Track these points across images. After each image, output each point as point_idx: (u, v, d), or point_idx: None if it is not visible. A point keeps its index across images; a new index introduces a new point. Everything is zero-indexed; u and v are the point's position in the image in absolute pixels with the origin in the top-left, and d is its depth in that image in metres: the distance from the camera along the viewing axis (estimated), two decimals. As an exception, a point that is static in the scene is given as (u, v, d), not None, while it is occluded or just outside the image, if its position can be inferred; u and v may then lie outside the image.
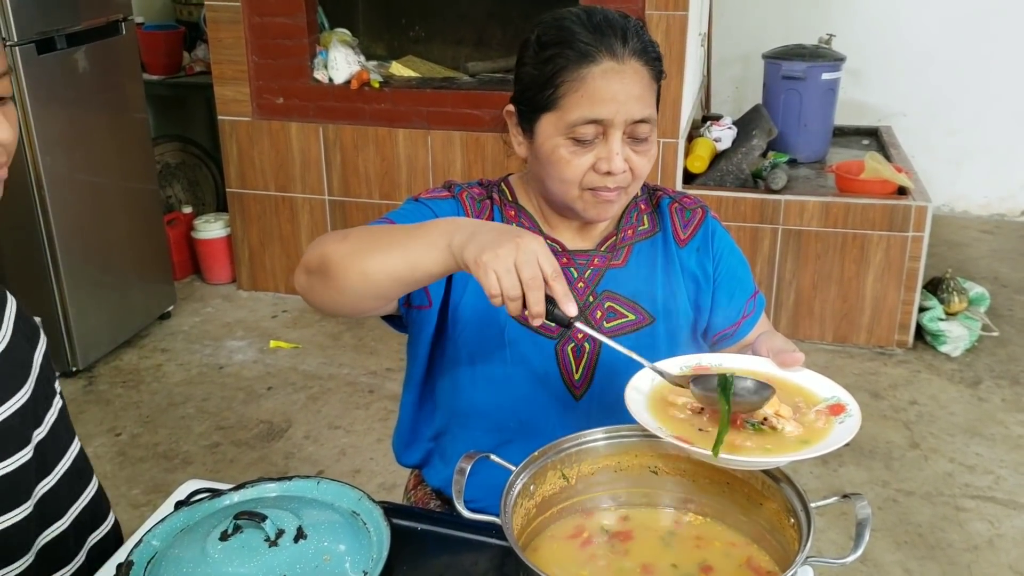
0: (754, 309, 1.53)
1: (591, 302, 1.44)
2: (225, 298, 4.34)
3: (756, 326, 1.53)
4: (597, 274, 1.45)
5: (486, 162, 3.90)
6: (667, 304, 1.46)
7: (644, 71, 1.34)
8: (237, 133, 4.10)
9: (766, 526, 1.11)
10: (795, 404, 1.13)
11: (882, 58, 4.96)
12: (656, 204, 1.52)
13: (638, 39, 1.35)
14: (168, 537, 1.27)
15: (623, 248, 1.47)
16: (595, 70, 1.31)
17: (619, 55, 1.31)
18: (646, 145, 1.37)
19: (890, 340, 3.78)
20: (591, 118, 1.31)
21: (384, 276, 1.19)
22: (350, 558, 1.19)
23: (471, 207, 1.46)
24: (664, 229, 1.49)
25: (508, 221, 1.46)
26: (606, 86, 1.31)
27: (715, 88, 5.02)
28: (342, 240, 1.24)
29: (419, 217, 1.42)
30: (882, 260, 3.68)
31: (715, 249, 1.50)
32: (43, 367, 1.33)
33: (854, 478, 2.99)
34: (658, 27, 3.54)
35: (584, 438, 1.17)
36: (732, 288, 1.51)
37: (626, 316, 1.44)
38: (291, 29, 3.93)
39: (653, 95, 1.37)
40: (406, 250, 1.17)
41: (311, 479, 1.37)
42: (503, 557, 1.24)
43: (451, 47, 4.52)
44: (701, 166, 3.91)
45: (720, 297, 1.50)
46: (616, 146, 1.32)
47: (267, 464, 3.10)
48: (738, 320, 1.51)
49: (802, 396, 1.15)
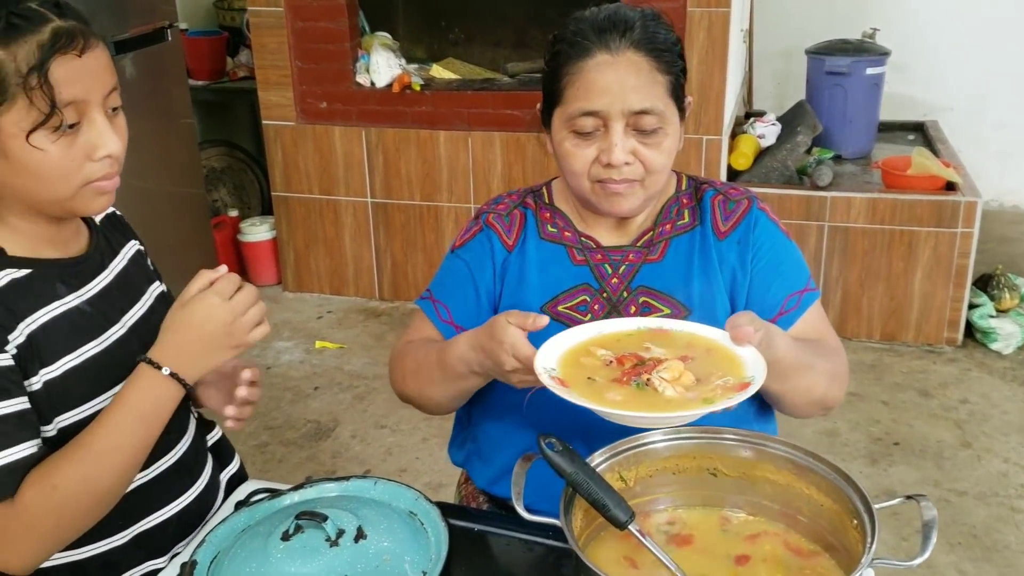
0: (796, 306, 1.46)
1: (625, 297, 1.45)
2: (271, 300, 4.39)
3: (798, 324, 1.45)
4: (632, 269, 1.46)
5: (526, 162, 3.90)
6: (703, 297, 1.44)
7: (643, 62, 1.35)
8: (281, 137, 4.14)
9: (827, 527, 1.10)
10: (709, 374, 1.17)
11: (927, 51, 4.88)
12: (700, 198, 1.51)
13: (642, 31, 1.36)
14: (230, 537, 1.29)
15: (660, 243, 1.47)
16: (590, 63, 1.36)
17: (614, 47, 1.35)
18: (656, 138, 1.37)
19: (939, 338, 3.73)
20: (587, 110, 1.36)
21: (449, 400, 1.49)
22: (409, 558, 1.20)
23: (500, 227, 1.54)
24: (703, 222, 1.48)
25: (542, 224, 1.53)
26: (600, 77, 1.35)
27: (757, 84, 4.98)
28: (403, 382, 1.53)
29: (456, 276, 1.55)
30: (930, 257, 3.63)
31: (755, 240, 1.46)
32: None
33: (904, 477, 2.95)
34: (700, 24, 3.53)
35: (643, 439, 1.17)
36: (770, 281, 1.46)
37: (661, 310, 1.44)
38: (333, 33, 3.96)
39: (658, 86, 1.36)
40: (451, 383, 1.43)
41: (368, 479, 1.38)
42: (560, 557, 1.25)
43: (490, 48, 4.53)
44: (745, 163, 3.88)
45: (756, 290, 1.46)
46: (615, 138, 1.35)
47: (315, 463, 3.13)
48: (773, 315, 1.44)
49: (730, 370, 1.18)
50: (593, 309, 1.45)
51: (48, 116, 1.11)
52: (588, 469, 1.07)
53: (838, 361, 1.47)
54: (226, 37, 4.80)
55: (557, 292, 1.48)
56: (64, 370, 1.22)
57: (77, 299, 1.27)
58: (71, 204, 1.21)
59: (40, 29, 1.11)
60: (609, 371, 1.21)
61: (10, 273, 1.21)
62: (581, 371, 1.22)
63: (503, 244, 1.53)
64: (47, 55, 1.10)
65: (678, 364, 1.18)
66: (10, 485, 1.13)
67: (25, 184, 1.17)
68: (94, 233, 1.37)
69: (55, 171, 1.16)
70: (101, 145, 1.18)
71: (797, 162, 3.89)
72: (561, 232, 1.52)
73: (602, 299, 1.46)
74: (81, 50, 1.13)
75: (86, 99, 1.15)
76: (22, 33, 1.10)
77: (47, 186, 1.17)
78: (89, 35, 1.15)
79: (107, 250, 1.38)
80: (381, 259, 4.23)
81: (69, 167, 1.17)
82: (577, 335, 1.29)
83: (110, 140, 1.19)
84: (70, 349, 1.24)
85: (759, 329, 1.21)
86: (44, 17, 1.12)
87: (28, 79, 1.10)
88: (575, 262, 1.49)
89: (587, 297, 1.47)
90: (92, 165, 1.18)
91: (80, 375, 1.24)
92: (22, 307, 1.20)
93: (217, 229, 4.37)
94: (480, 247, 1.54)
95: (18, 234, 1.24)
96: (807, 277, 1.50)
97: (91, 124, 1.17)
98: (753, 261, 1.46)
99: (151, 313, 1.39)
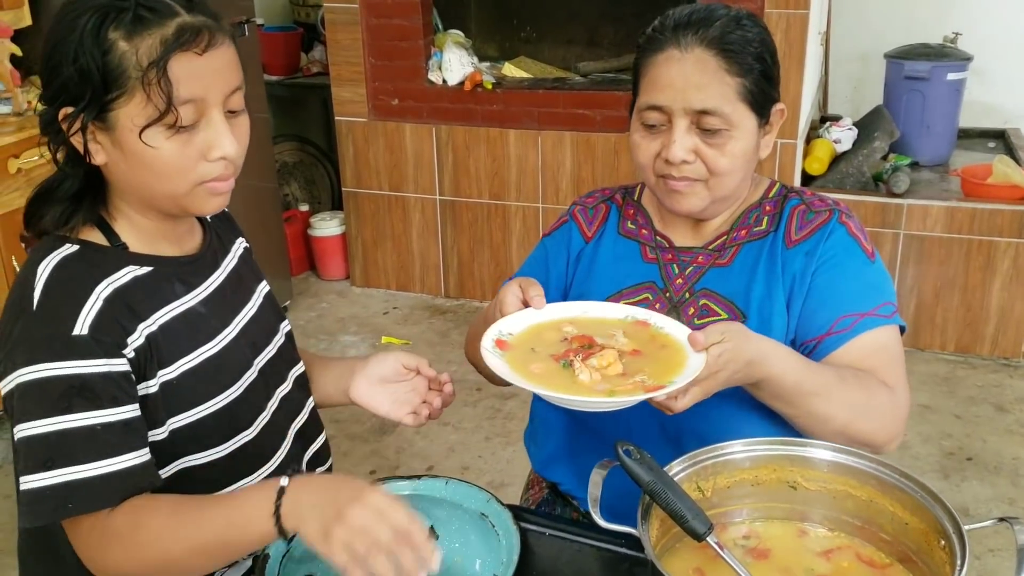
0: (849, 328, 1.35)
1: (687, 299, 1.44)
2: (339, 294, 4.43)
3: (845, 347, 1.34)
4: (699, 272, 1.45)
5: (596, 162, 3.88)
6: (762, 304, 1.40)
7: (711, 61, 1.33)
8: (353, 134, 4.18)
9: (912, 547, 1.08)
10: (638, 370, 1.17)
11: (1010, 57, 4.73)
12: (783, 206, 1.47)
13: (720, 30, 1.34)
14: (303, 532, 1.30)
15: (731, 248, 1.45)
16: (660, 57, 1.36)
17: (683, 44, 1.34)
18: (719, 139, 1.35)
19: (1017, 352, 3.63)
20: (651, 103, 1.37)
21: None
22: (480, 560, 1.20)
23: (583, 219, 1.58)
24: (778, 230, 1.44)
25: (623, 219, 1.55)
26: (665, 73, 1.35)
27: (833, 88, 4.89)
28: (467, 347, 1.64)
29: (534, 261, 1.62)
30: (1009, 268, 3.53)
31: (823, 252, 1.40)
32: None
33: (978, 494, 2.88)
34: (778, 26, 3.47)
35: (722, 450, 1.15)
36: (825, 297, 1.38)
37: (719, 315, 1.41)
38: (407, 31, 3.98)
39: (726, 87, 1.33)
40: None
41: (439, 478, 1.38)
42: (632, 566, 1.23)
43: (562, 47, 4.52)
44: (820, 168, 3.81)
45: (811, 302, 1.38)
46: (677, 134, 1.35)
47: (379, 458, 3.15)
48: (821, 334, 1.36)
49: (663, 372, 1.16)
50: (654, 308, 1.44)
51: (163, 113, 1.10)
52: (666, 478, 1.06)
53: (881, 397, 1.32)
54: (301, 33, 4.86)
55: (623, 287, 1.49)
56: (180, 372, 1.21)
57: (193, 299, 1.26)
58: (185, 202, 1.19)
59: (166, 23, 1.10)
60: (558, 347, 1.23)
61: (133, 270, 1.20)
62: (534, 341, 1.25)
63: (582, 235, 1.57)
64: (168, 51, 1.09)
65: (611, 354, 1.18)
66: (109, 495, 1.10)
67: (141, 179, 1.16)
68: (207, 230, 1.37)
69: (169, 168, 1.14)
70: (217, 146, 1.15)
71: (873, 168, 3.82)
72: (639, 229, 1.53)
73: (664, 298, 1.45)
74: (204, 48, 1.11)
75: (205, 98, 1.13)
76: (147, 26, 1.09)
77: (161, 182, 1.16)
78: (216, 32, 1.13)
79: (219, 248, 1.38)
80: (448, 257, 4.25)
81: (184, 165, 1.15)
82: (562, 310, 1.31)
83: (227, 142, 1.16)
84: (186, 351, 1.22)
85: (714, 340, 1.17)
86: (172, 11, 1.11)
87: (147, 74, 1.09)
88: (646, 259, 1.50)
89: (650, 295, 1.47)
90: (207, 165, 1.16)
91: (193, 378, 1.22)
92: (143, 307, 1.19)
93: (288, 223, 4.42)
94: (561, 236, 1.59)
95: (137, 230, 1.23)
96: (879, 303, 1.38)
97: (209, 124, 1.15)
98: (815, 273, 1.39)
99: (259, 314, 1.38)
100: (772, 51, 1.39)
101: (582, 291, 1.52)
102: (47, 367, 1.10)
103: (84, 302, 1.13)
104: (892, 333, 1.38)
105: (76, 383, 1.10)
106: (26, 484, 1.10)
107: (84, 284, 1.15)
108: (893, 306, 1.39)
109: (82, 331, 1.11)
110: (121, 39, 1.09)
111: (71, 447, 1.09)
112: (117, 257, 1.20)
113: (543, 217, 4.03)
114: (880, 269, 1.42)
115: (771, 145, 1.43)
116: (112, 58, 1.09)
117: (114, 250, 1.21)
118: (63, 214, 1.20)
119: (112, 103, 1.11)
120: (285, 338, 1.44)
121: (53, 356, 1.10)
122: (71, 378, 1.10)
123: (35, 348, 1.11)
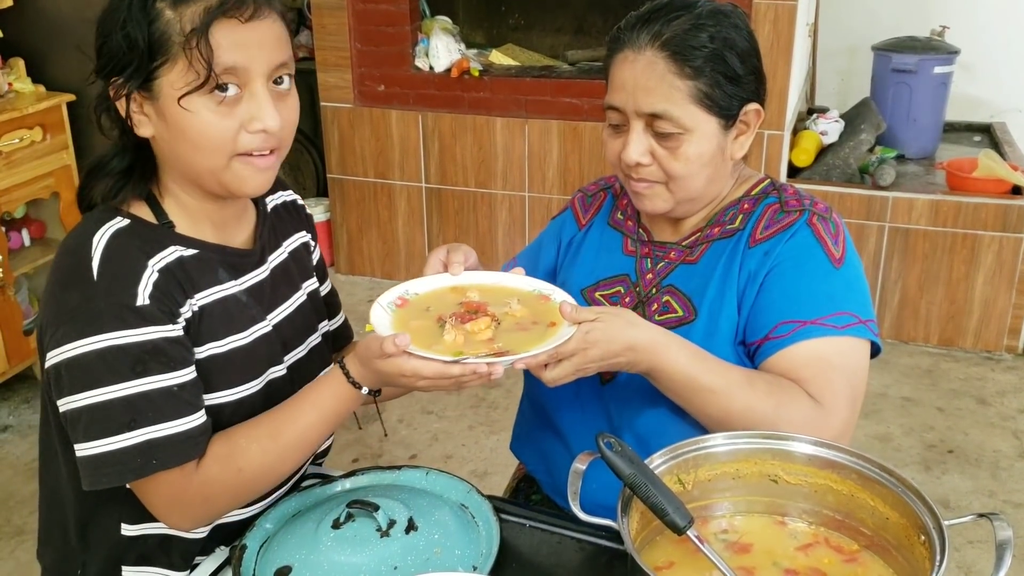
0: (787, 334, 1.29)
1: (653, 294, 1.44)
2: (322, 281, 4.41)
3: (777, 356, 1.29)
4: (669, 268, 1.44)
5: (583, 151, 3.87)
6: (712, 303, 1.37)
7: (661, 64, 1.30)
8: (339, 120, 4.15)
9: (893, 541, 1.07)
10: (497, 339, 1.19)
11: (997, 51, 4.75)
12: (760, 204, 1.42)
13: (677, 29, 1.30)
14: (281, 521, 1.29)
15: (702, 245, 1.43)
16: (618, 57, 1.35)
17: (637, 45, 1.32)
18: (672, 143, 1.32)
19: (999, 345, 3.64)
20: (610, 103, 1.37)
21: None
22: (459, 551, 1.20)
23: (580, 207, 1.60)
24: (746, 227, 1.40)
25: (615, 209, 1.56)
26: (619, 74, 1.34)
27: (820, 80, 4.90)
28: None
29: (533, 244, 1.66)
30: (993, 262, 3.54)
31: (780, 253, 1.34)
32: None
33: (958, 487, 2.89)
34: (766, 16, 3.46)
35: (704, 443, 1.14)
36: (772, 300, 1.33)
37: (676, 312, 1.40)
38: (394, 16, 3.95)
39: (675, 91, 1.30)
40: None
41: (420, 469, 1.38)
42: (612, 558, 1.23)
43: (550, 35, 4.50)
44: (807, 159, 3.81)
45: (758, 306, 1.34)
46: (632, 136, 1.34)
47: (362, 446, 3.14)
48: (760, 338, 1.32)
49: (522, 343, 1.17)
50: (624, 302, 1.44)
51: (204, 80, 1.10)
52: (647, 471, 1.05)
53: (795, 410, 1.24)
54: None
55: (600, 278, 1.49)
56: (207, 355, 1.23)
57: (236, 287, 1.28)
58: (225, 178, 1.19)
59: None
60: (451, 310, 1.24)
61: (179, 250, 1.22)
62: (432, 302, 1.27)
63: (576, 223, 1.59)
64: (211, 17, 1.10)
65: (485, 320, 1.20)
66: (192, 450, 1.17)
67: (183, 151, 1.17)
68: (260, 225, 1.37)
69: (209, 139, 1.15)
70: (258, 118, 1.15)
71: (859, 160, 3.82)
72: (626, 221, 1.53)
73: (634, 292, 1.45)
74: (249, 18, 1.12)
75: (247, 67, 1.13)
76: None
77: (201, 155, 1.16)
78: (262, 4, 1.14)
79: (270, 243, 1.38)
80: (434, 245, 4.23)
81: (222, 136, 1.15)
82: (474, 278, 1.32)
83: (268, 114, 1.16)
84: (219, 336, 1.24)
85: (586, 318, 1.19)
86: None
87: (189, 39, 1.10)
88: (626, 252, 1.50)
89: (622, 288, 1.46)
90: (246, 136, 1.16)
91: (217, 364, 1.24)
92: (189, 285, 1.21)
93: (272, 209, 4.39)
94: (559, 222, 1.62)
95: (184, 209, 1.25)
96: (831, 313, 1.29)
97: (252, 96, 1.15)
98: (769, 275, 1.34)
99: (296, 313, 1.39)
100: (740, 50, 1.32)
101: (565, 278, 1.53)
102: (117, 335, 1.13)
103: (141, 274, 1.16)
104: (840, 345, 1.29)
105: (149, 347, 1.14)
106: (98, 448, 1.13)
107: (138, 257, 1.18)
108: (853, 317, 1.30)
109: (144, 301, 1.15)
110: (167, 7, 1.12)
111: (155, 408, 1.14)
112: (164, 235, 1.22)
113: (529, 206, 4.02)
114: (847, 277, 1.34)
115: (747, 145, 1.39)
116: (158, 26, 1.12)
117: (162, 228, 1.23)
118: (113, 188, 1.23)
119: (156, 71, 1.13)
120: (321, 339, 1.45)
121: (122, 324, 1.13)
122: (144, 343, 1.14)
123: (100, 318, 1.13)
